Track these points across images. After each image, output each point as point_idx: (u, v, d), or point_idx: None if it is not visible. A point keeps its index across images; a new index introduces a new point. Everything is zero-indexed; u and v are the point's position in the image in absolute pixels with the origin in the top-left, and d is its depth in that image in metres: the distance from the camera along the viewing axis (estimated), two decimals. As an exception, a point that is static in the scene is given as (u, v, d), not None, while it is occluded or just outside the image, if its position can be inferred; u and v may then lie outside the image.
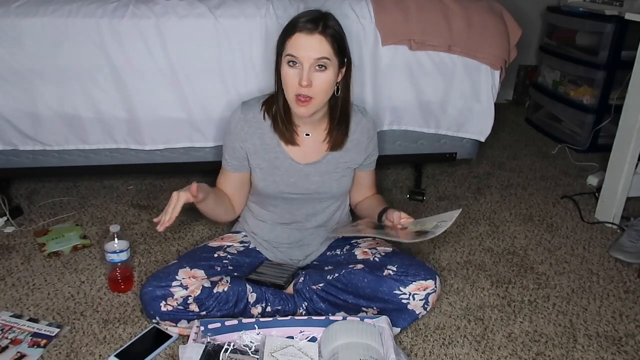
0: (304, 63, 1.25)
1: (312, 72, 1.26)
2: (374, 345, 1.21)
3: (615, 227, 1.98)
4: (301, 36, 1.24)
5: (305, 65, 1.25)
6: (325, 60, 1.26)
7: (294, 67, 1.27)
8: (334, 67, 1.28)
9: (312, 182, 1.45)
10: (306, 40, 1.24)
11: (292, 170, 1.43)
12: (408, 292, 1.34)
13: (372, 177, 1.60)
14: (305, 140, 1.42)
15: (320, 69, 1.26)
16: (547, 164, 2.59)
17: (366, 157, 1.51)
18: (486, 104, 1.88)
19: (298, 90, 1.27)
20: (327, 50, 1.26)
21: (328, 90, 1.30)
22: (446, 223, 1.30)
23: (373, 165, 1.57)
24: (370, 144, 1.50)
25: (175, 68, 1.67)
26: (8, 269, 1.65)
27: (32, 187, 2.18)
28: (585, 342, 1.41)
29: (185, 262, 1.40)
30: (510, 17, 1.86)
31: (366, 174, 1.57)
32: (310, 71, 1.25)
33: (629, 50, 2.40)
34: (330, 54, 1.26)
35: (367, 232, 1.38)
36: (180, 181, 2.28)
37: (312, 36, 1.24)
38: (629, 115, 1.88)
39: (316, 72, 1.26)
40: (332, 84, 1.30)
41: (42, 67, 1.63)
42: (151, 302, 1.32)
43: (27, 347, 1.32)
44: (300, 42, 1.24)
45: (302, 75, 1.25)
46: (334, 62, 1.28)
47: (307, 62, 1.24)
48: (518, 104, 3.55)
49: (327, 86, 1.29)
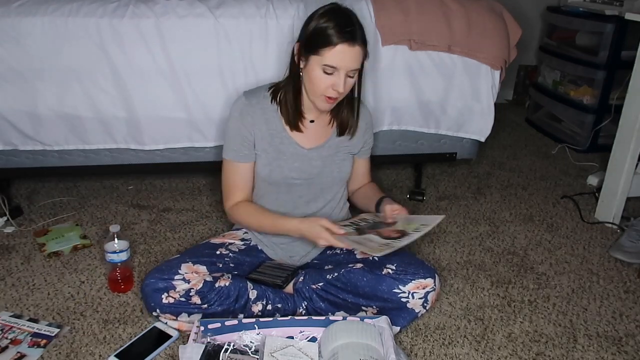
0: (341, 71, 1.29)
1: (346, 78, 1.31)
2: (374, 345, 1.21)
3: (615, 227, 1.98)
4: (344, 48, 1.26)
5: (342, 73, 1.29)
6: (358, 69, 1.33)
7: (330, 75, 1.30)
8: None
9: (314, 167, 1.47)
10: (348, 53, 1.27)
11: (296, 155, 1.45)
12: (407, 291, 1.35)
13: (368, 165, 1.64)
14: (310, 126, 1.46)
15: (353, 75, 1.32)
16: (547, 164, 2.59)
17: (364, 144, 1.55)
18: (486, 104, 1.88)
19: (329, 93, 1.31)
20: (361, 59, 1.32)
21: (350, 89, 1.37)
22: (426, 227, 1.33)
23: (369, 153, 1.61)
24: (367, 130, 1.55)
25: (175, 68, 1.67)
26: (8, 269, 1.65)
27: (32, 187, 2.18)
28: (585, 342, 1.41)
29: (187, 257, 1.41)
30: (510, 17, 1.86)
31: (363, 162, 1.60)
32: (346, 79, 1.31)
33: (629, 50, 2.40)
34: (362, 61, 1.33)
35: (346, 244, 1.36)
36: (180, 181, 2.29)
37: (353, 48, 1.28)
38: (629, 115, 1.88)
39: (348, 78, 1.32)
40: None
41: (42, 67, 1.63)
42: (153, 294, 1.32)
43: (27, 347, 1.32)
44: (343, 55, 1.27)
45: (339, 83, 1.29)
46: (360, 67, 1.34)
47: (345, 71, 1.29)
48: (518, 104, 3.55)
49: (351, 87, 1.36)
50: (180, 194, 2.18)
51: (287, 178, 1.46)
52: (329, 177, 1.50)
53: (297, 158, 1.45)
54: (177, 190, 2.21)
